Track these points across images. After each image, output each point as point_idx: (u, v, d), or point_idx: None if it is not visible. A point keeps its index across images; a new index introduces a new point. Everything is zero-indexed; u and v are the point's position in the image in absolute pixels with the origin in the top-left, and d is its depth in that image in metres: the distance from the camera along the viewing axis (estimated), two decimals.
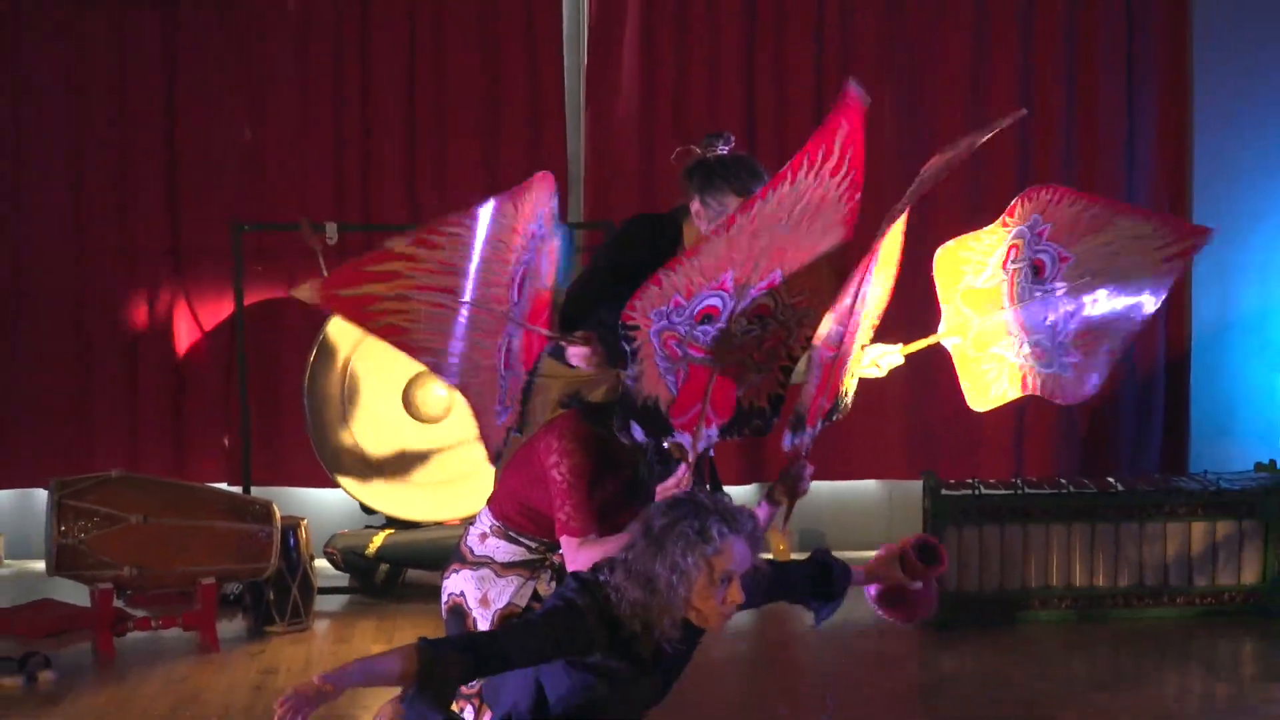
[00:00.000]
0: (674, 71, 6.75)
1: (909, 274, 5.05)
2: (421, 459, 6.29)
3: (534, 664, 3.07)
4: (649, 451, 3.54)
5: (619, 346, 3.42)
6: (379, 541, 6.26)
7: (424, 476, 6.29)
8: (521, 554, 3.67)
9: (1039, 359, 3.92)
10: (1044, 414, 6.81)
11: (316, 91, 6.67)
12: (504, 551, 3.67)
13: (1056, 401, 3.97)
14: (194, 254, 6.68)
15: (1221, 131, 6.97)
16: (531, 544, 3.66)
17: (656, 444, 3.50)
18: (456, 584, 3.70)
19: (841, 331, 3.55)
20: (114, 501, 5.49)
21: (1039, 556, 5.79)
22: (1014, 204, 3.87)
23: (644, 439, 3.44)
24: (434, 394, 6.29)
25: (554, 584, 3.59)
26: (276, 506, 5.70)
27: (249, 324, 6.39)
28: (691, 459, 3.45)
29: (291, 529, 5.74)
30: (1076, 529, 5.80)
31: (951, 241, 3.96)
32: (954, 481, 5.94)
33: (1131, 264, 3.84)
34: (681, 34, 6.74)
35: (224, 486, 6.43)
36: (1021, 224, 3.86)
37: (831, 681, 5.21)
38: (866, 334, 3.80)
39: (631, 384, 3.36)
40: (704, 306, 3.36)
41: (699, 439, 3.46)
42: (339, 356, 6.24)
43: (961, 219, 5.78)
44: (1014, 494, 5.81)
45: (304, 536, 5.79)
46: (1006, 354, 3.95)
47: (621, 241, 4.16)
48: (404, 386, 6.30)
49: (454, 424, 6.25)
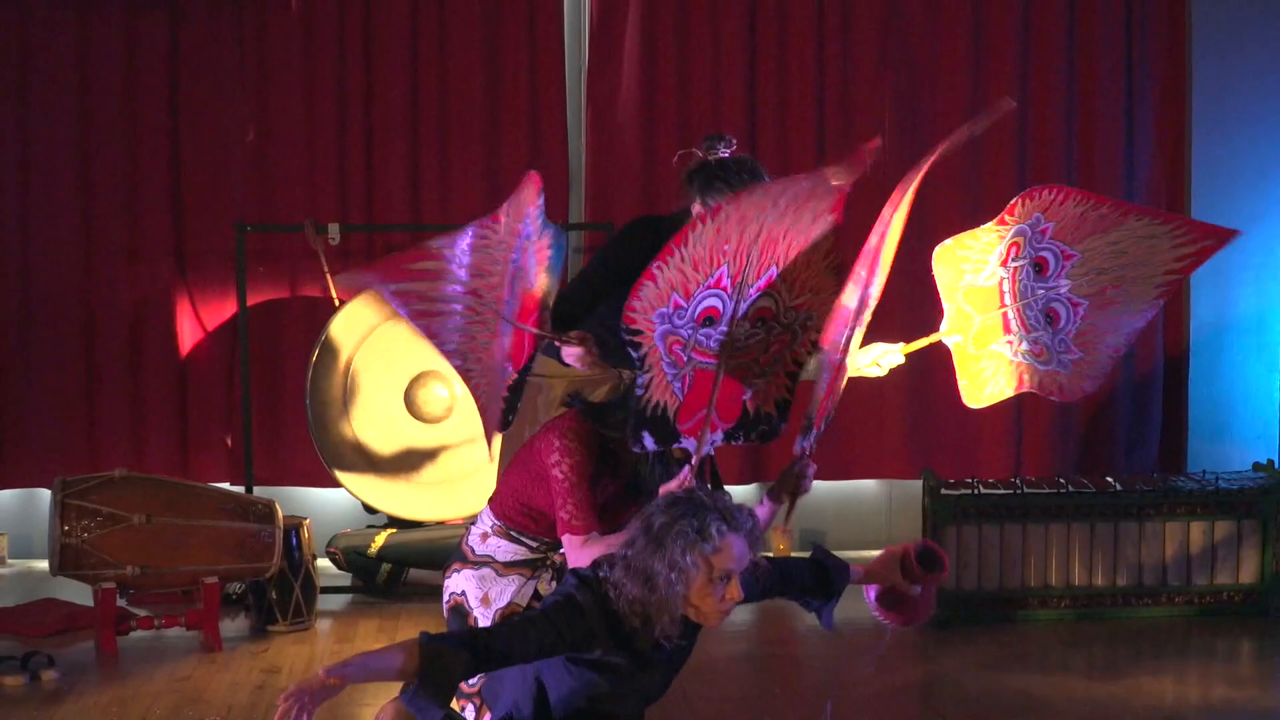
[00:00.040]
0: (675, 72, 6.73)
1: (909, 274, 5.11)
2: (424, 458, 6.30)
3: (535, 659, 3.08)
4: (651, 455, 3.55)
5: (614, 347, 3.43)
6: (381, 541, 6.26)
7: (426, 476, 6.30)
8: (523, 553, 3.68)
9: (1038, 356, 3.92)
10: (1043, 414, 6.81)
11: (319, 93, 6.67)
12: (505, 551, 3.68)
13: (1053, 399, 3.98)
14: (197, 254, 6.69)
15: (1220, 132, 6.97)
16: (533, 543, 3.67)
17: (662, 451, 3.50)
18: (458, 583, 3.71)
19: (848, 333, 3.56)
20: (117, 501, 5.49)
21: (1038, 556, 5.80)
22: (1014, 203, 3.87)
23: (655, 448, 3.44)
24: (436, 393, 6.30)
25: (555, 584, 3.60)
26: (279, 506, 5.71)
27: (252, 324, 6.39)
28: (695, 463, 3.45)
29: (294, 529, 5.74)
30: (1075, 528, 5.81)
31: (949, 240, 3.97)
32: (953, 481, 5.94)
33: (1139, 262, 3.84)
34: (682, 35, 6.73)
35: (227, 486, 6.43)
36: (1022, 222, 3.87)
37: (832, 680, 5.22)
38: (861, 334, 3.82)
39: (641, 392, 3.36)
40: (704, 308, 3.35)
41: (703, 443, 3.46)
42: (341, 356, 6.25)
43: (960, 219, 5.79)
44: (1013, 493, 5.82)
45: (306, 536, 5.80)
46: (1005, 351, 3.96)
47: (621, 242, 4.18)
48: (406, 386, 6.31)
49: (456, 423, 6.26)
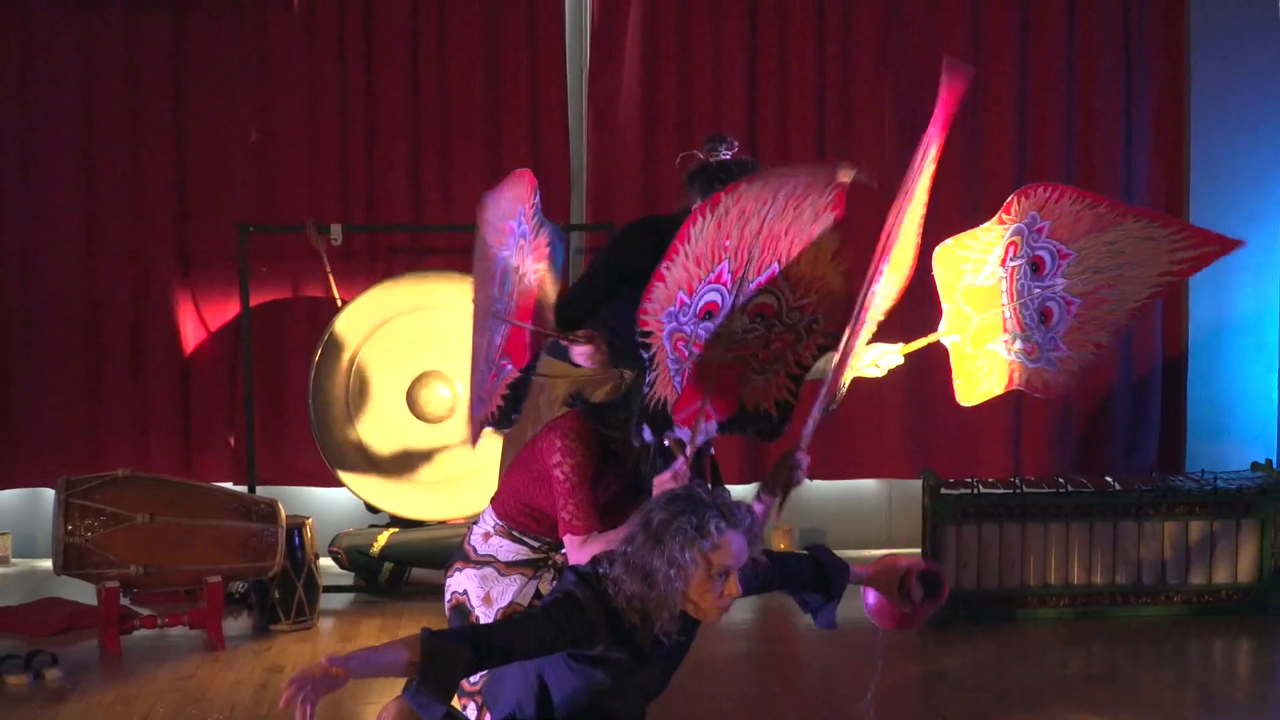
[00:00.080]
0: (676, 72, 6.75)
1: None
2: (426, 458, 6.31)
3: (536, 655, 3.09)
4: (652, 450, 3.56)
5: (618, 347, 3.45)
6: (383, 540, 6.27)
7: (428, 475, 6.31)
8: (524, 553, 3.69)
9: (1029, 354, 3.93)
10: (1042, 414, 6.83)
11: (321, 93, 6.68)
12: (507, 550, 3.69)
13: (1037, 396, 3.99)
14: (200, 255, 6.70)
15: (1219, 133, 6.99)
16: (534, 543, 3.68)
17: (658, 442, 3.52)
18: (460, 582, 3.72)
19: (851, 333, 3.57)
20: (121, 501, 5.50)
21: (1037, 555, 5.81)
22: (1010, 201, 3.88)
23: (652, 439, 3.46)
24: (438, 393, 6.32)
25: (556, 583, 3.61)
26: (282, 506, 5.72)
27: (254, 325, 6.41)
28: (689, 453, 3.46)
29: (297, 528, 5.75)
30: (1075, 528, 5.82)
31: (949, 240, 3.98)
32: (953, 480, 5.95)
33: (1136, 263, 3.84)
34: (683, 36, 6.74)
35: (230, 486, 6.44)
36: (1019, 221, 3.88)
37: (831, 679, 5.24)
38: (869, 331, 3.81)
39: (648, 389, 3.38)
40: (705, 303, 3.36)
41: (697, 433, 3.46)
42: (344, 356, 6.26)
43: (960, 219, 5.80)
44: (1013, 493, 5.83)
45: (309, 535, 5.81)
46: (1000, 350, 3.97)
47: (622, 243, 4.19)
48: (409, 386, 6.32)
49: (458, 423, 6.28)
